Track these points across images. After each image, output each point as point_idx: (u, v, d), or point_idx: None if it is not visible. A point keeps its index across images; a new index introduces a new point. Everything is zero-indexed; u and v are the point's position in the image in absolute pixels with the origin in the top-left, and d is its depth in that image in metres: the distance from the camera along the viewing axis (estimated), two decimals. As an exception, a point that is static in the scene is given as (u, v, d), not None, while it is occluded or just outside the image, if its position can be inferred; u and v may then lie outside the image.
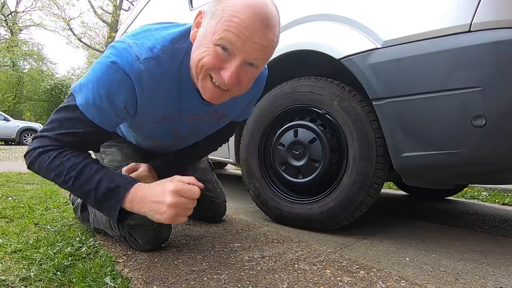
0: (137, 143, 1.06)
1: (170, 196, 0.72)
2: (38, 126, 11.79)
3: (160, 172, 1.03)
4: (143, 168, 0.98)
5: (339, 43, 1.12)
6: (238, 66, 0.68)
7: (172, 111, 0.85)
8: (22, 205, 1.47)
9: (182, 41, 0.78)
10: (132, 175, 0.92)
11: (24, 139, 11.04)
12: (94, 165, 0.77)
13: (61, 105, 0.79)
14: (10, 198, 1.64)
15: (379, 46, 1.02)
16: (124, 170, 0.97)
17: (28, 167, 0.79)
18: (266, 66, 0.96)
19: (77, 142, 0.77)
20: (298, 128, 1.28)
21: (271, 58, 1.30)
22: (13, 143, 11.07)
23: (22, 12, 21.98)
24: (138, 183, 0.77)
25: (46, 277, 0.73)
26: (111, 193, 0.75)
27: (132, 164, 0.99)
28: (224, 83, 0.70)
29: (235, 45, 0.65)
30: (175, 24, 0.83)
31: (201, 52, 0.69)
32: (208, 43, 0.67)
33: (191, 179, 0.76)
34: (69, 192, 1.34)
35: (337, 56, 1.12)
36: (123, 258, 0.89)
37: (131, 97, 0.76)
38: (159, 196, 0.73)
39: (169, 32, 0.78)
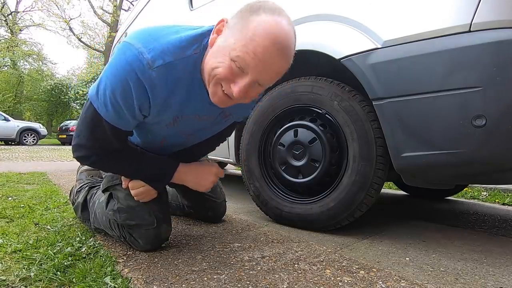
0: (141, 144, 1.06)
1: (213, 175, 1.01)
2: (38, 126, 11.78)
3: None
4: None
5: (339, 43, 1.12)
6: (248, 84, 0.71)
7: (183, 113, 0.86)
8: (22, 205, 1.47)
9: (194, 46, 0.78)
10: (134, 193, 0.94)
11: (24, 139, 11.04)
12: (141, 157, 0.94)
13: (84, 114, 0.82)
14: (10, 198, 1.64)
15: (379, 46, 1.02)
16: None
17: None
18: None
19: (111, 145, 0.86)
20: (298, 128, 1.28)
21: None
22: (13, 143, 11.07)
23: (22, 12, 22.01)
24: (180, 165, 0.97)
25: (46, 277, 0.74)
26: (163, 174, 0.96)
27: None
28: (232, 95, 0.73)
29: (250, 66, 0.69)
30: (185, 27, 0.82)
31: (217, 61, 0.72)
32: (225, 55, 0.70)
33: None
34: (69, 192, 1.34)
35: (337, 56, 1.12)
36: (123, 258, 0.89)
37: (145, 101, 0.77)
38: (205, 174, 1.00)
39: (179, 37, 0.77)
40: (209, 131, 1.02)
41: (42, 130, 11.72)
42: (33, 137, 11.31)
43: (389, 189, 2.76)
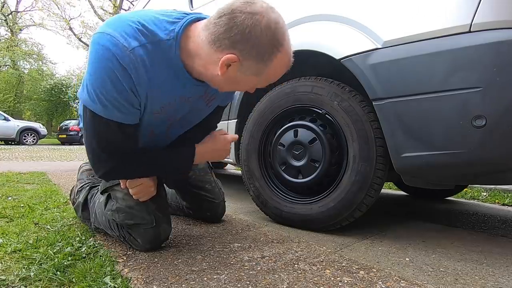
0: None
1: (228, 145, 1.06)
2: (38, 126, 11.78)
3: None
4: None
5: (339, 43, 1.12)
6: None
7: (170, 99, 0.85)
8: (22, 205, 1.47)
9: (167, 31, 0.76)
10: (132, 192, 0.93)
11: (24, 139, 11.04)
12: (159, 152, 0.95)
13: (86, 126, 0.80)
14: (10, 198, 1.64)
15: (379, 46, 1.02)
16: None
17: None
18: None
19: (124, 145, 0.83)
20: (298, 128, 1.28)
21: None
22: (13, 143, 11.07)
23: (23, 11, 22.02)
24: (197, 147, 0.98)
25: (46, 277, 0.74)
26: (185, 162, 0.97)
27: None
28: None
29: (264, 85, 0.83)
30: (155, 12, 0.80)
31: (238, 87, 0.85)
32: (249, 87, 0.82)
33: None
34: (70, 192, 1.34)
35: (337, 56, 1.12)
36: (123, 258, 0.89)
37: (133, 86, 0.75)
38: (222, 146, 1.04)
39: (147, 20, 0.75)
40: (195, 116, 1.00)
41: (42, 130, 11.73)
42: (33, 137, 11.31)
43: (389, 189, 2.76)
